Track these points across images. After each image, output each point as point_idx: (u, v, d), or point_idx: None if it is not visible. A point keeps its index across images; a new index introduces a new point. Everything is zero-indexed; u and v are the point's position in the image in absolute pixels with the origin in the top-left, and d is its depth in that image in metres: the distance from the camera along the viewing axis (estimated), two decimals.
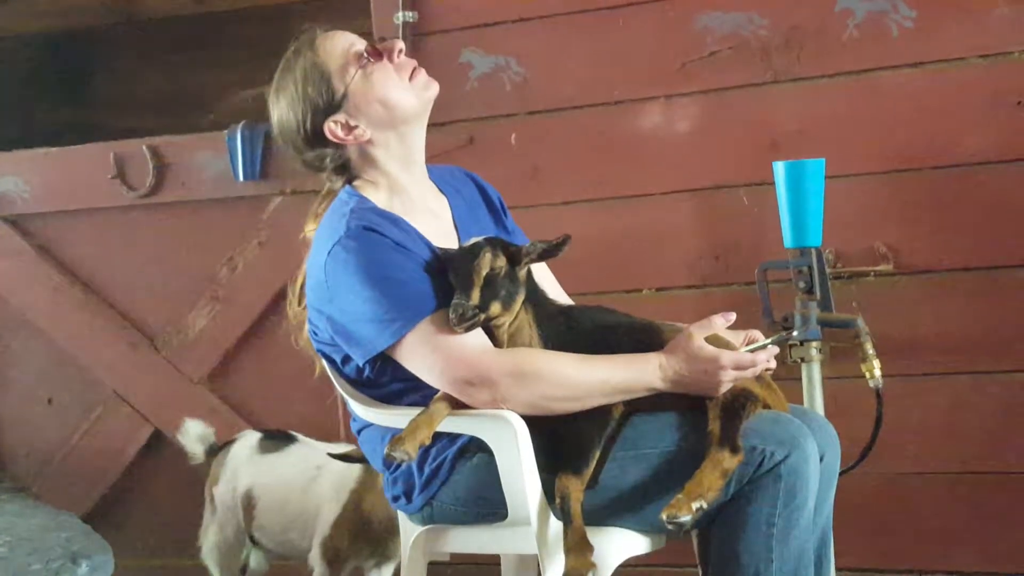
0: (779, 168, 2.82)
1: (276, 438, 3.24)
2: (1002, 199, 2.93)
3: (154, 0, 4.52)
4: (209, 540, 3.30)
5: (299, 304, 2.47)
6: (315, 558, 3.06)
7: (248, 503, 3.20)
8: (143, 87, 4.56)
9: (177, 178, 3.77)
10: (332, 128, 2.32)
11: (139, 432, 3.90)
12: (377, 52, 2.33)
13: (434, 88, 2.36)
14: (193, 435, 3.32)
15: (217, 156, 3.68)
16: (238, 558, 3.30)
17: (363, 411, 2.34)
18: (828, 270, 2.85)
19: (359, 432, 2.43)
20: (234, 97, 3.74)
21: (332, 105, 2.31)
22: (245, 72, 3.82)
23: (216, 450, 3.30)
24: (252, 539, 3.23)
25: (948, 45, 2.96)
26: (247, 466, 3.22)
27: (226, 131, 3.66)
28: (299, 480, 3.09)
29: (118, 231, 3.88)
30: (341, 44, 2.33)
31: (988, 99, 2.93)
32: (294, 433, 3.25)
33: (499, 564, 2.63)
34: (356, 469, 3.00)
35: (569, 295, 2.55)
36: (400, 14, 3.36)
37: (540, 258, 2.24)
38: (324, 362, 2.40)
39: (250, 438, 3.27)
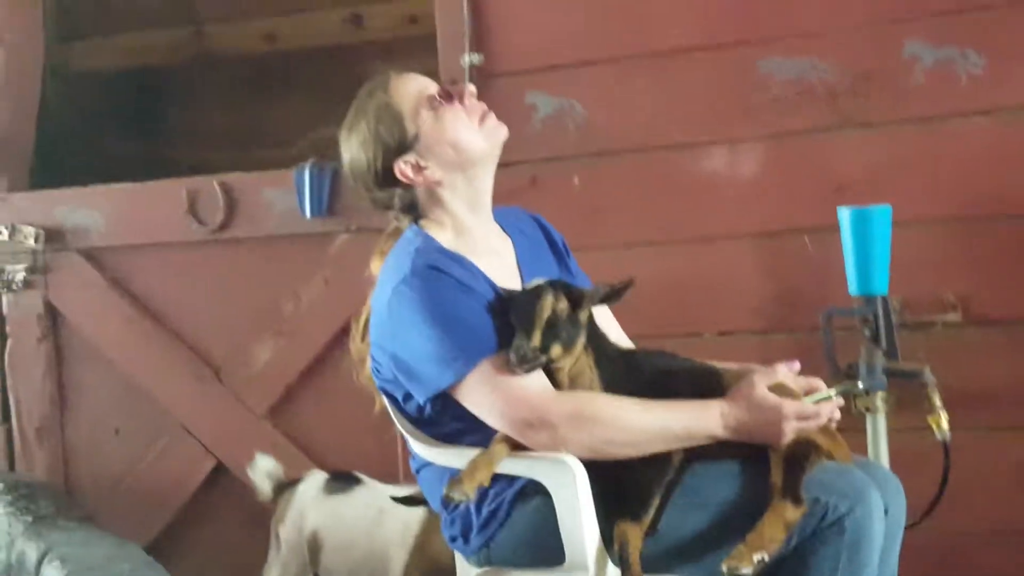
0: (844, 214, 2.79)
1: (341, 479, 3.22)
2: None
3: (226, 38, 4.60)
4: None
5: (362, 340, 2.48)
6: None
7: (314, 544, 3.19)
8: (213, 122, 4.63)
9: (246, 214, 3.81)
10: (402, 168, 2.34)
11: (202, 464, 3.93)
12: (448, 95, 2.35)
13: (503, 132, 2.38)
14: (262, 471, 3.33)
15: (285, 193, 3.72)
16: None
17: (423, 450, 2.35)
18: (894, 319, 2.82)
19: (418, 471, 2.43)
20: (303, 135, 3.81)
21: (403, 146, 2.34)
22: (313, 110, 3.89)
23: (283, 488, 3.29)
24: None
25: (1018, 93, 2.93)
26: (313, 507, 3.21)
27: (295, 168, 3.70)
28: (364, 523, 3.07)
29: (188, 265, 3.93)
30: (414, 86, 2.36)
31: None
32: (359, 475, 3.25)
33: None
34: (420, 512, 2.99)
35: (630, 338, 2.54)
36: (467, 56, 3.39)
37: (602, 301, 2.24)
38: (385, 399, 2.41)
39: (317, 478, 3.26)
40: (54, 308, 4.08)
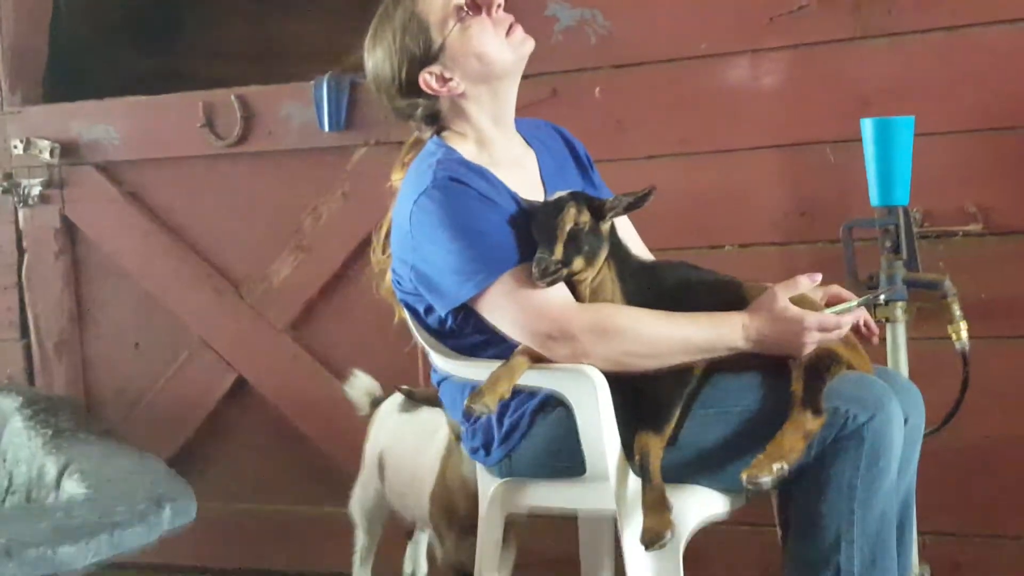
0: (867, 125, 2.77)
1: (414, 399, 3.11)
2: None
3: None
4: (355, 496, 3.30)
5: (383, 252, 2.49)
6: (425, 520, 2.99)
7: (381, 464, 3.18)
8: (231, 37, 4.58)
9: (264, 128, 3.78)
10: (427, 79, 2.33)
11: (223, 378, 3.95)
12: (476, 6, 2.33)
13: (530, 44, 2.36)
14: (360, 388, 3.29)
15: (304, 106, 3.70)
16: (379, 519, 3.26)
17: (443, 363, 2.36)
18: (915, 229, 2.80)
19: (439, 384, 2.45)
20: (323, 50, 3.76)
21: (429, 56, 2.32)
22: (333, 24, 3.84)
23: (378, 404, 3.23)
24: None
25: None
26: (385, 426, 3.17)
27: (312, 81, 3.67)
28: (417, 445, 2.97)
29: (205, 179, 3.91)
30: None
31: None
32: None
33: (576, 520, 2.64)
34: (446, 433, 2.96)
35: (652, 251, 2.53)
36: None
37: (624, 211, 2.23)
38: (406, 312, 2.42)
39: (397, 398, 3.16)
40: (71, 223, 4.08)
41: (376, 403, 3.24)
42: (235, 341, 3.92)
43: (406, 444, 3.03)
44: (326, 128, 3.65)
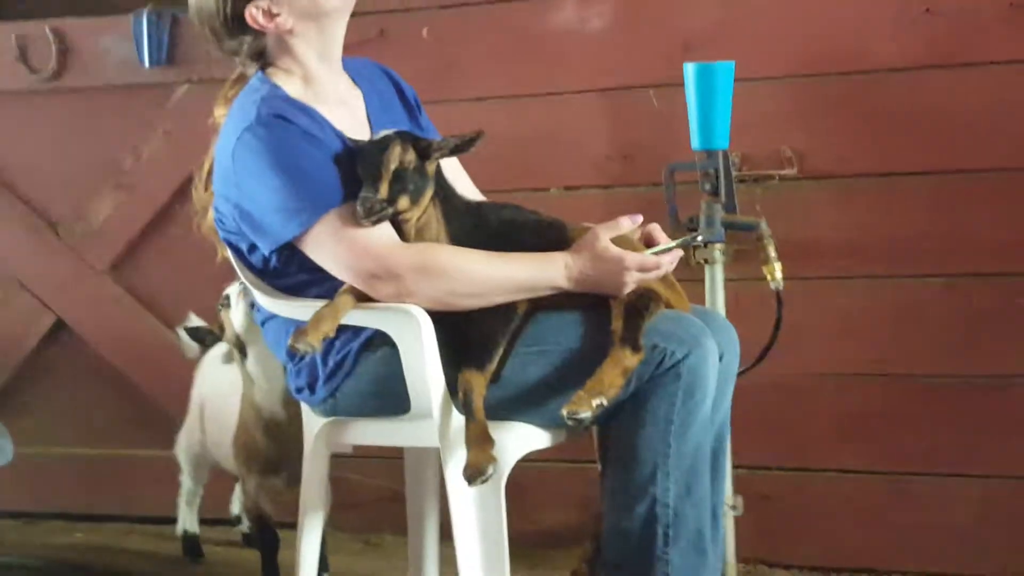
0: (689, 69, 2.82)
1: (200, 337, 3.06)
2: (907, 107, 2.97)
3: None
4: (180, 440, 3.28)
5: (205, 189, 2.45)
6: (230, 461, 2.99)
7: (201, 414, 3.16)
8: None
9: (81, 62, 3.67)
10: (253, 14, 2.29)
11: (41, 320, 3.84)
12: None
13: None
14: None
15: (123, 40, 3.59)
16: (204, 465, 3.26)
17: (267, 302, 2.34)
18: (734, 173, 2.88)
19: (263, 323, 2.43)
20: None
21: None
22: None
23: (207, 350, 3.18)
24: None
25: None
26: (207, 375, 3.15)
27: (132, 14, 3.56)
28: (234, 394, 2.91)
29: (20, 115, 3.79)
30: None
31: (897, 6, 2.95)
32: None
33: (402, 458, 2.66)
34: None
35: (480, 192, 2.55)
36: None
37: (451, 153, 2.24)
38: (229, 251, 2.39)
39: (222, 347, 3.07)
40: None
41: (205, 348, 3.19)
42: (53, 282, 3.82)
43: (224, 394, 3.00)
44: (146, 64, 3.57)
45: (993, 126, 2.92)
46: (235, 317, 2.80)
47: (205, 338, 2.98)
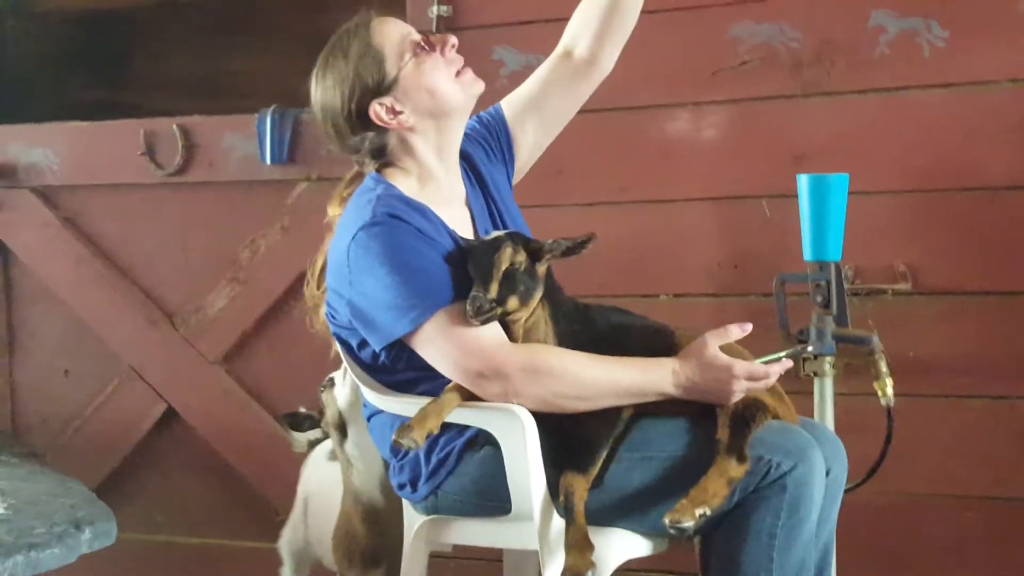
0: (803, 181, 2.82)
1: (298, 425, 3.11)
2: (1022, 224, 2.93)
3: None
4: (285, 534, 3.26)
5: (317, 287, 2.49)
6: (330, 557, 2.93)
7: (306, 510, 3.14)
8: (179, 69, 4.57)
9: (205, 158, 3.78)
10: (377, 111, 2.34)
11: (152, 409, 3.91)
12: (431, 44, 2.35)
13: (480, 86, 2.39)
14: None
15: (246, 139, 3.70)
16: (307, 561, 3.22)
17: (374, 397, 2.36)
18: (846, 286, 2.85)
19: (369, 418, 2.44)
20: (269, 84, 3.76)
21: (382, 88, 2.33)
22: (280, 60, 3.85)
23: (315, 446, 3.16)
24: None
25: (979, 67, 2.96)
26: (313, 472, 3.14)
27: (256, 114, 3.67)
28: (336, 487, 2.89)
29: (144, 208, 3.90)
30: (398, 31, 2.36)
31: (1016, 123, 2.93)
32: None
33: (501, 560, 2.64)
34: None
35: (587, 297, 2.55)
36: (435, 8, 3.38)
37: (562, 256, 2.25)
38: (339, 346, 2.42)
39: (329, 443, 3.03)
40: (5, 246, 4.04)
41: (313, 444, 3.21)
42: (166, 372, 3.89)
43: (329, 491, 3.00)
44: (268, 161, 3.66)
45: None
46: (340, 394, 2.80)
47: (303, 423, 2.99)
